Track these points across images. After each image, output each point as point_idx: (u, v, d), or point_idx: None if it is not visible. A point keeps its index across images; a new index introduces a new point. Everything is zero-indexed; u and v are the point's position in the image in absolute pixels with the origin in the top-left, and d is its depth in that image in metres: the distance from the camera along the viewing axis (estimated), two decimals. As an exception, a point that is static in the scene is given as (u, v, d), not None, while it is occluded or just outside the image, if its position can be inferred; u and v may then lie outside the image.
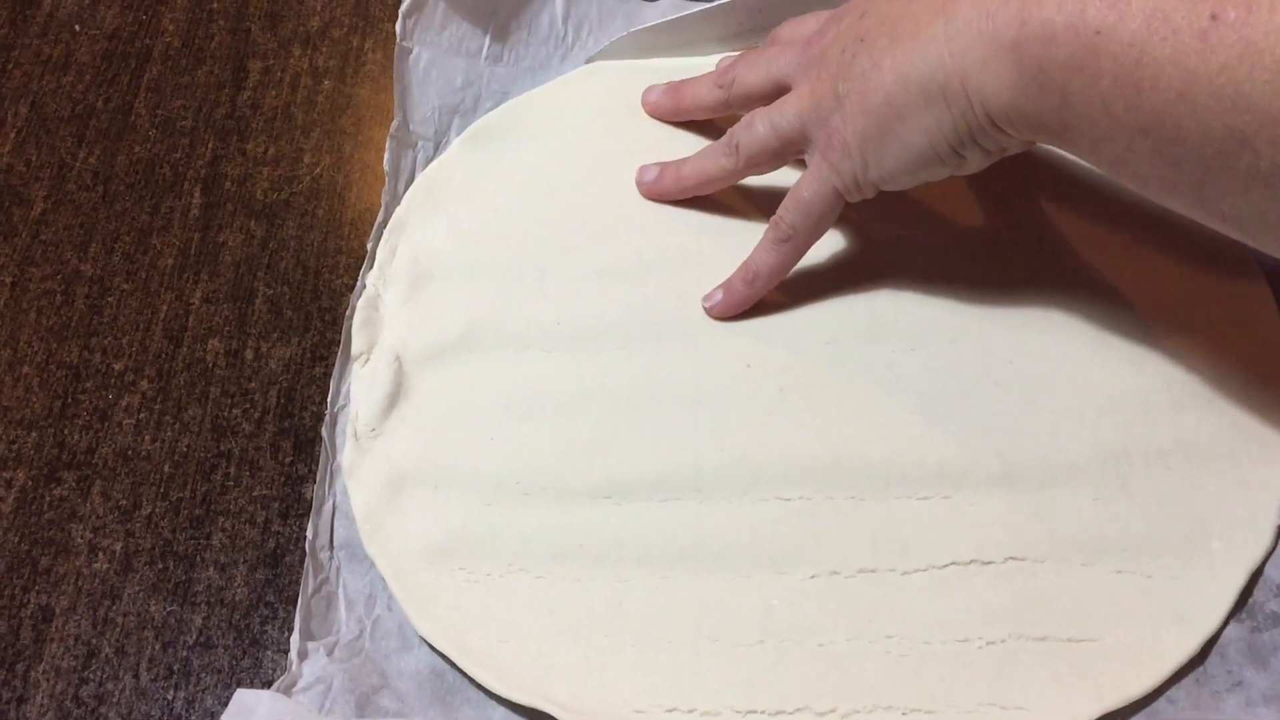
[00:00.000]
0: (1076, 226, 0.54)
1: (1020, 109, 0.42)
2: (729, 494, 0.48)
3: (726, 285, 0.53)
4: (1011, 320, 0.52)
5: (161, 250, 0.59)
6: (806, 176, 0.50)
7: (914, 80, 0.44)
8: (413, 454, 0.50)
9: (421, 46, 0.60)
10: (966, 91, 0.43)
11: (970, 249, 0.54)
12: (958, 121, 0.44)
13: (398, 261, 0.55)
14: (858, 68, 0.46)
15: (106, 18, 0.68)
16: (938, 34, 0.43)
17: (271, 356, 0.55)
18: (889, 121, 0.45)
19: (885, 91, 0.45)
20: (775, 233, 0.52)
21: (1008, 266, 0.53)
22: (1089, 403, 0.49)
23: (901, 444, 0.49)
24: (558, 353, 0.52)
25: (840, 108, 0.47)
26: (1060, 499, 0.47)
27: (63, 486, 0.51)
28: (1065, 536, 0.47)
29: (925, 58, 0.44)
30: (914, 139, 0.45)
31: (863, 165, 0.47)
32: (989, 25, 0.41)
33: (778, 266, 0.52)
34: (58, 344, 0.56)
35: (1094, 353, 0.51)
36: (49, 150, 0.63)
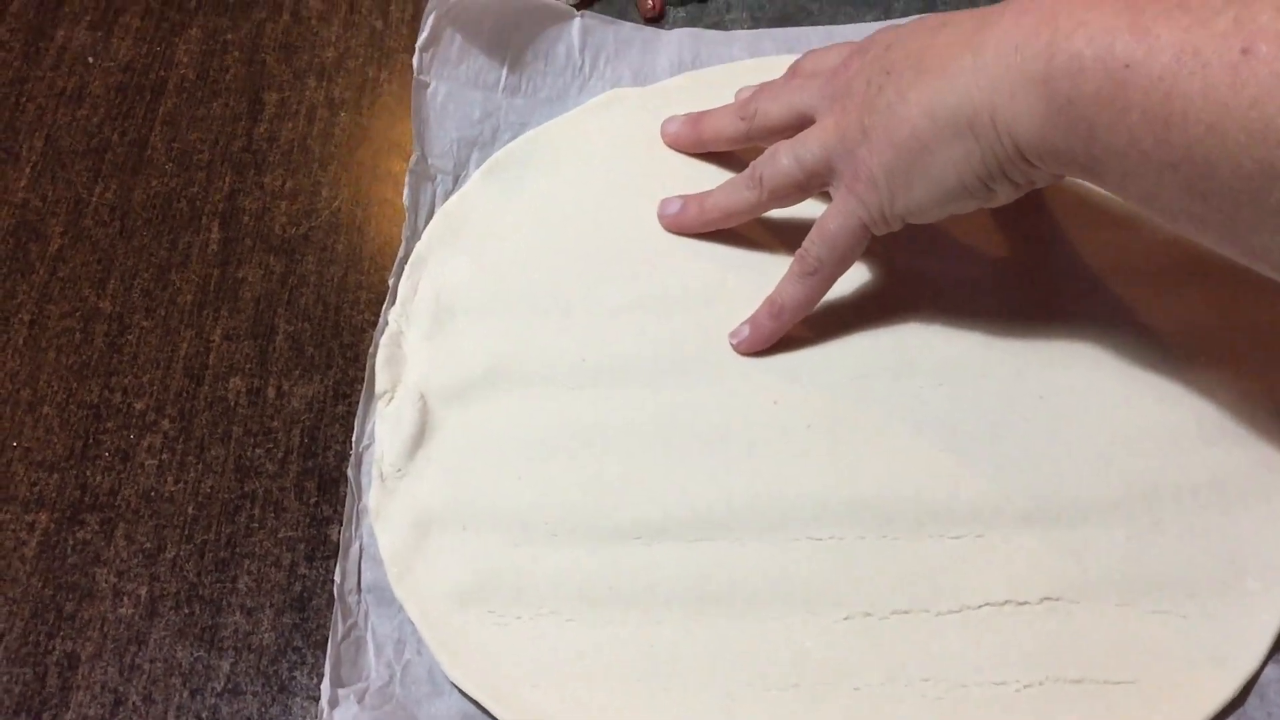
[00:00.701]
0: (1104, 258, 0.54)
1: (1049, 142, 0.42)
2: (759, 533, 0.48)
3: (752, 320, 0.53)
4: (1040, 355, 0.52)
5: (181, 286, 0.58)
6: (832, 209, 0.50)
7: (941, 113, 0.44)
8: (439, 494, 0.50)
9: (439, 80, 0.60)
10: (995, 125, 0.43)
11: (997, 282, 0.54)
12: (986, 154, 0.44)
13: (420, 298, 0.55)
14: (883, 100, 0.46)
15: (120, 50, 0.68)
16: (965, 67, 0.43)
17: (294, 395, 0.54)
18: (916, 154, 0.45)
19: (912, 124, 0.45)
20: (801, 266, 0.51)
21: (1035, 300, 0.53)
22: (1119, 438, 0.49)
23: (932, 482, 0.49)
24: (583, 389, 0.52)
25: (866, 140, 0.47)
26: (1093, 537, 0.47)
27: (86, 529, 0.51)
28: (1099, 576, 0.46)
29: (953, 90, 0.43)
30: (942, 172, 0.45)
31: (890, 198, 0.47)
32: (1017, 58, 0.41)
33: (804, 300, 0.52)
34: (78, 383, 0.55)
35: (1123, 387, 0.50)
36: (65, 185, 0.62)
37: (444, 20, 0.60)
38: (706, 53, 0.64)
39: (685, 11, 0.67)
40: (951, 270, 0.54)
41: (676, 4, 0.68)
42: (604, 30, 0.63)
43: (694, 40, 0.64)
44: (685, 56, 0.63)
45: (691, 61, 0.63)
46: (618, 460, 0.50)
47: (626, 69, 0.63)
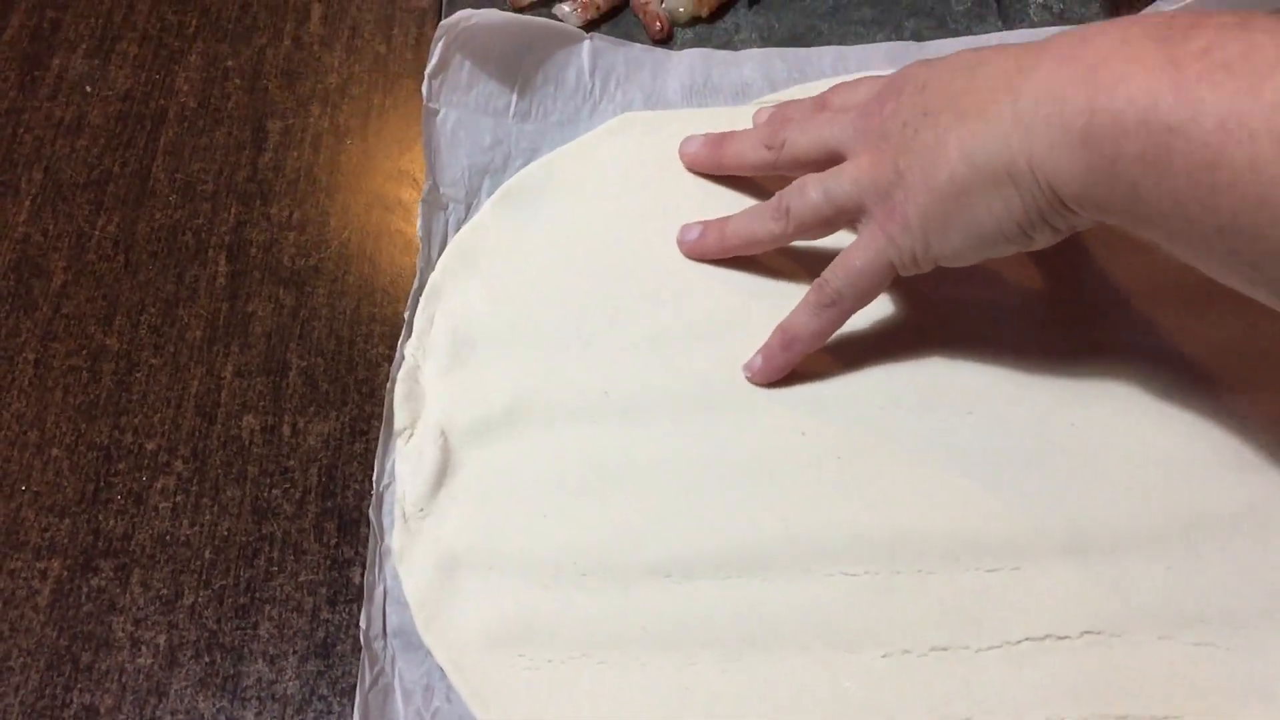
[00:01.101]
0: (1131, 281, 0.53)
1: (1091, 196, 0.41)
2: (793, 570, 0.47)
3: (765, 350, 0.52)
4: (1070, 382, 0.51)
5: (189, 322, 0.57)
6: (860, 245, 0.49)
7: (980, 159, 0.43)
8: (464, 535, 0.49)
9: (448, 107, 0.59)
10: (1035, 175, 0.42)
11: (1024, 308, 0.53)
12: (1027, 203, 0.43)
13: (436, 331, 0.54)
14: (920, 143, 0.45)
15: (118, 78, 0.67)
16: (1005, 113, 0.42)
17: (310, 432, 0.53)
18: (954, 200, 0.44)
19: (950, 169, 0.44)
20: (818, 296, 0.50)
21: (1062, 325, 0.53)
22: (1154, 467, 0.49)
23: (965, 514, 0.48)
24: (607, 424, 0.51)
25: (902, 183, 0.46)
26: (1132, 569, 0.46)
27: (100, 576, 0.50)
28: (1140, 608, 0.46)
29: (992, 137, 0.43)
30: (980, 218, 0.44)
31: (924, 243, 0.46)
32: (1058, 111, 0.40)
33: (817, 332, 0.51)
34: (87, 424, 0.54)
35: (1157, 414, 0.50)
36: (66, 218, 0.61)
37: (453, 46, 0.59)
38: (718, 74, 0.63)
39: (693, 32, 0.67)
40: (976, 296, 0.54)
41: (684, 25, 0.67)
42: (614, 53, 0.62)
43: (704, 61, 0.63)
44: (696, 78, 0.63)
45: (703, 83, 0.62)
46: (646, 497, 0.49)
47: (638, 91, 0.62)
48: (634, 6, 0.67)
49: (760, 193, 0.57)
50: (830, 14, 0.67)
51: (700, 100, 0.62)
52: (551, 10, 0.67)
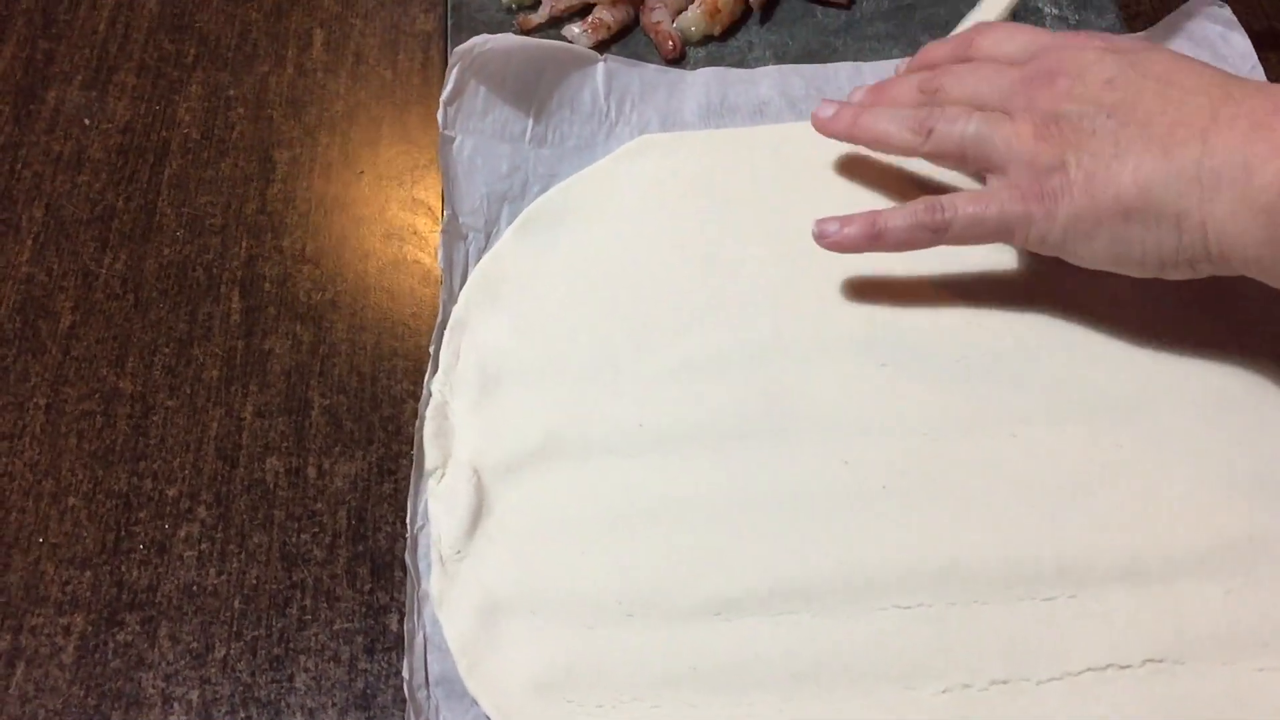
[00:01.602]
0: (1176, 300, 0.52)
1: (1262, 265, 0.43)
2: (844, 604, 0.46)
3: (847, 221, 0.52)
4: (1116, 402, 0.50)
5: (204, 361, 0.55)
6: (996, 197, 0.49)
7: (1155, 195, 0.44)
8: (504, 577, 0.47)
9: (464, 134, 0.58)
10: (1205, 231, 0.44)
11: (1066, 330, 0.52)
12: (1181, 248, 0.45)
13: (463, 365, 0.53)
14: (1097, 146, 0.46)
15: (117, 110, 0.65)
16: (1191, 158, 0.43)
17: (336, 474, 0.52)
18: (1111, 218, 0.45)
19: (1120, 189, 0.45)
20: (929, 215, 0.50)
21: (1109, 345, 0.52)
22: (1206, 487, 0.48)
23: (1018, 541, 0.47)
24: (643, 457, 0.50)
25: (1063, 174, 0.46)
26: (1190, 593, 0.46)
27: (126, 630, 0.48)
28: (1200, 634, 0.45)
29: (1173, 178, 0.44)
30: (1131, 242, 0.46)
31: (1061, 237, 0.47)
32: (1246, 179, 0.42)
33: (906, 243, 0.51)
34: (103, 471, 0.52)
35: (1206, 433, 0.49)
36: (71, 256, 0.59)
37: (468, 72, 0.58)
38: (734, 93, 0.62)
39: (706, 51, 0.66)
40: (1016, 315, 0.53)
41: (697, 44, 0.66)
42: (628, 74, 0.61)
43: (720, 81, 0.62)
44: (713, 98, 0.62)
45: (720, 103, 0.61)
46: (688, 532, 0.48)
47: (653, 113, 0.61)
48: (645, 26, 0.66)
49: (788, 215, 0.56)
50: (844, 30, 0.66)
51: (718, 120, 0.61)
52: (560, 31, 0.66)
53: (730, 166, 0.59)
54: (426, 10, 0.69)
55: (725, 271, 0.55)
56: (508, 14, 0.67)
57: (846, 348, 0.52)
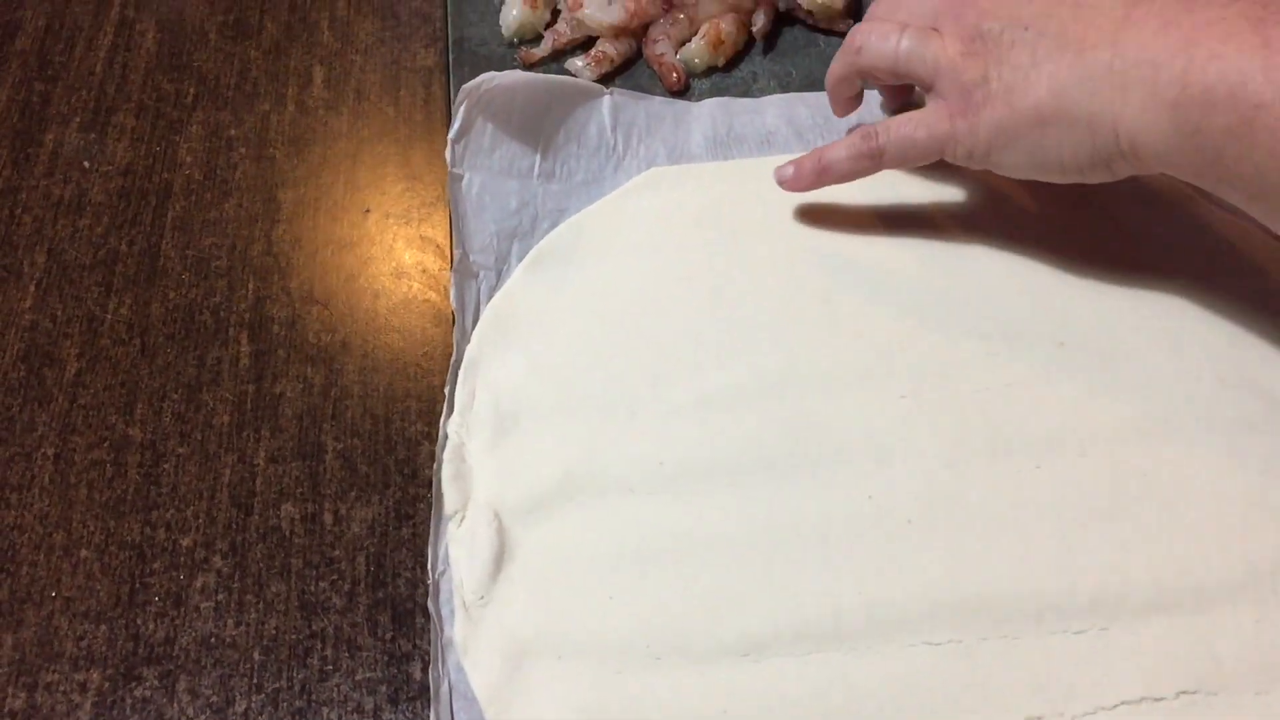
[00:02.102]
0: (1201, 316, 0.53)
1: (1171, 160, 0.44)
2: (874, 643, 0.45)
3: (797, 163, 0.56)
4: (1139, 429, 0.50)
5: (215, 407, 0.54)
6: (922, 120, 0.51)
7: (1068, 99, 0.46)
8: (529, 622, 0.47)
9: (472, 171, 0.58)
10: (1117, 130, 0.45)
11: (1084, 357, 0.52)
12: (1097, 148, 0.46)
13: (478, 405, 0.52)
14: (1015, 58, 0.47)
15: (116, 152, 0.64)
16: (1102, 61, 0.45)
17: (353, 519, 0.51)
18: (1030, 125, 0.47)
19: (1036, 97, 0.47)
20: (863, 143, 0.53)
21: (1129, 372, 0.52)
22: (1233, 513, 0.48)
23: (1047, 573, 0.47)
24: (664, 495, 0.49)
25: (985, 87, 0.48)
26: (1221, 622, 0.45)
27: (144, 686, 0.47)
28: (1234, 664, 0.44)
29: (1085, 80, 0.45)
30: (1048, 148, 0.47)
31: (985, 149, 0.49)
32: (1153, 76, 0.43)
33: (848, 174, 0.54)
34: (115, 522, 0.51)
35: (1230, 457, 0.49)
36: (75, 302, 0.58)
37: (475, 110, 0.57)
38: (740, 123, 0.62)
39: (710, 82, 0.66)
40: (1032, 344, 0.53)
41: (701, 76, 0.66)
42: (634, 106, 0.61)
43: (725, 111, 0.62)
44: (719, 129, 0.61)
45: (726, 133, 0.61)
46: (713, 571, 0.47)
47: (660, 145, 0.61)
48: (648, 58, 0.66)
49: (799, 246, 0.56)
50: (847, 58, 0.66)
51: (724, 151, 0.61)
52: (564, 65, 0.66)
53: (739, 198, 0.59)
54: (427, 45, 0.69)
55: (738, 304, 0.55)
56: (509, 48, 0.67)
57: (865, 379, 0.52)
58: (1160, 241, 0.55)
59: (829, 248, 0.56)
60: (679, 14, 0.66)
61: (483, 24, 0.68)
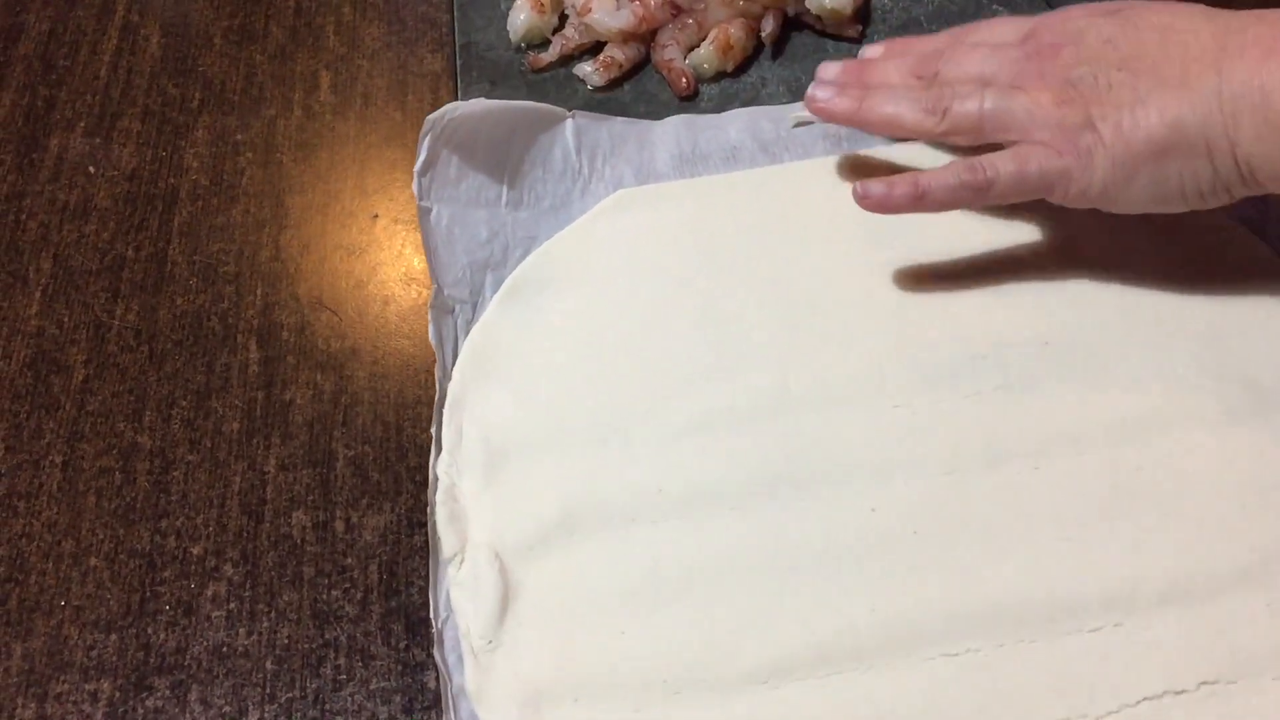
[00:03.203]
0: (1182, 311, 0.53)
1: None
2: (892, 658, 0.45)
3: (889, 183, 0.52)
4: (1131, 424, 0.50)
5: (224, 414, 0.54)
6: (1030, 154, 0.50)
7: (1184, 128, 0.46)
8: (542, 665, 0.46)
9: (440, 203, 0.57)
10: (1235, 155, 0.46)
11: (1070, 357, 0.52)
12: (1216, 175, 0.47)
13: (467, 443, 0.51)
14: (1116, 98, 0.48)
15: (122, 157, 0.64)
16: (1209, 89, 0.46)
17: (365, 527, 0.51)
18: (1149, 159, 0.47)
19: (1149, 130, 0.47)
20: (971, 175, 0.51)
21: (1117, 370, 0.52)
22: (1233, 500, 0.48)
23: (1056, 575, 0.46)
24: (666, 523, 0.49)
25: (1092, 130, 0.48)
26: (1234, 610, 0.45)
27: (156, 695, 0.47)
28: (1249, 651, 0.44)
29: (1196, 110, 0.46)
30: (1169, 178, 0.48)
31: (1101, 187, 0.49)
32: (1263, 101, 0.45)
33: (946, 203, 0.52)
34: (125, 530, 0.51)
35: (1223, 447, 0.49)
36: (82, 308, 0.58)
37: (439, 141, 0.56)
38: (704, 139, 0.61)
39: (719, 88, 0.65)
40: (1018, 347, 0.53)
41: (710, 81, 0.65)
42: (597, 128, 0.60)
43: (689, 128, 0.61)
44: (684, 147, 0.61)
45: (691, 151, 0.61)
46: (724, 600, 0.47)
47: (626, 166, 0.60)
48: (657, 64, 0.66)
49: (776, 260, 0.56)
50: (855, 64, 0.66)
51: (691, 169, 0.61)
52: (572, 70, 0.65)
53: (712, 215, 0.58)
54: (434, 50, 0.68)
55: (722, 323, 0.54)
56: (517, 53, 0.67)
57: (857, 392, 0.52)
58: (1137, 238, 0.55)
59: (808, 263, 0.56)
60: (688, 19, 0.65)
61: (489, 29, 0.68)
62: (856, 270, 0.55)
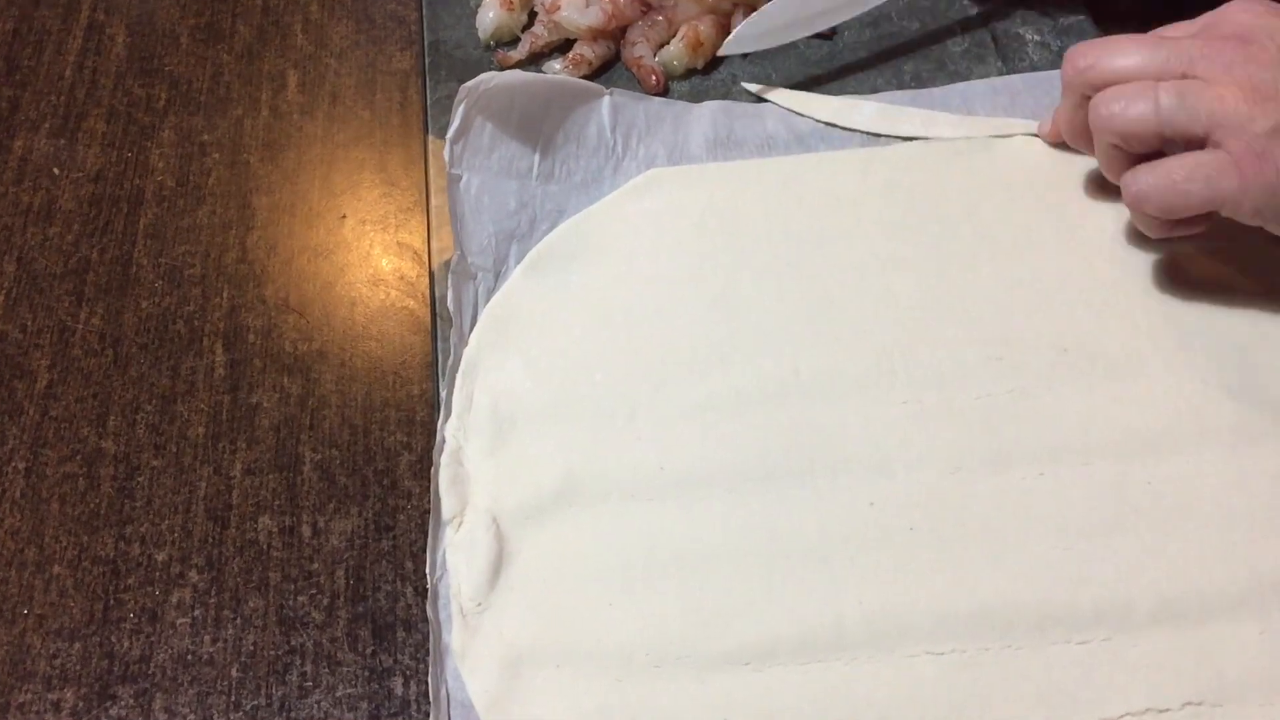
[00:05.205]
0: (1205, 324, 0.52)
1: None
2: (876, 653, 0.45)
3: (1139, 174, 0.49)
4: (1144, 439, 0.49)
5: (189, 418, 0.54)
6: (1198, 168, 0.47)
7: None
8: (527, 629, 0.46)
9: (470, 171, 0.57)
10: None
11: (1088, 364, 0.52)
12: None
13: (476, 409, 0.51)
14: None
15: (87, 158, 0.63)
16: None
17: (331, 531, 0.50)
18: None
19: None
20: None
21: (1134, 382, 0.51)
22: (1237, 524, 0.47)
23: (1050, 584, 0.46)
24: (664, 501, 0.49)
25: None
26: (1224, 634, 0.45)
27: (119, 705, 0.46)
28: (1237, 676, 0.44)
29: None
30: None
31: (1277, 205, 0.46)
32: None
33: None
34: (89, 536, 0.50)
35: (1235, 468, 0.48)
36: (45, 312, 0.57)
37: (474, 109, 0.56)
38: (740, 126, 0.61)
39: (689, 85, 0.65)
40: (1036, 351, 0.52)
41: (680, 78, 0.65)
42: (634, 107, 0.60)
43: (726, 114, 0.62)
44: (720, 131, 0.61)
45: (726, 136, 0.61)
46: (714, 579, 0.47)
47: (660, 147, 0.60)
48: (626, 61, 0.65)
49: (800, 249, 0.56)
50: (826, 60, 0.66)
51: (724, 153, 0.61)
52: (540, 68, 0.65)
53: (740, 200, 0.58)
54: (402, 49, 0.68)
55: (740, 308, 0.54)
56: (485, 51, 0.66)
57: (866, 385, 0.51)
58: (1163, 248, 0.55)
59: (830, 253, 0.56)
60: (657, 16, 0.65)
61: (459, 26, 0.67)
62: (877, 264, 0.55)
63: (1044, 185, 0.58)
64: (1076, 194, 0.54)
